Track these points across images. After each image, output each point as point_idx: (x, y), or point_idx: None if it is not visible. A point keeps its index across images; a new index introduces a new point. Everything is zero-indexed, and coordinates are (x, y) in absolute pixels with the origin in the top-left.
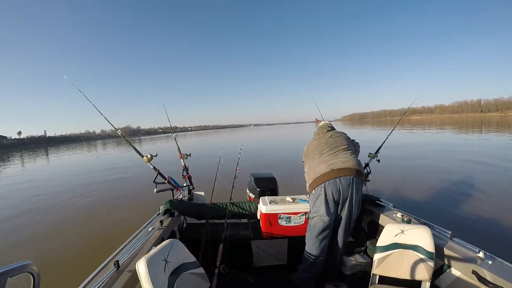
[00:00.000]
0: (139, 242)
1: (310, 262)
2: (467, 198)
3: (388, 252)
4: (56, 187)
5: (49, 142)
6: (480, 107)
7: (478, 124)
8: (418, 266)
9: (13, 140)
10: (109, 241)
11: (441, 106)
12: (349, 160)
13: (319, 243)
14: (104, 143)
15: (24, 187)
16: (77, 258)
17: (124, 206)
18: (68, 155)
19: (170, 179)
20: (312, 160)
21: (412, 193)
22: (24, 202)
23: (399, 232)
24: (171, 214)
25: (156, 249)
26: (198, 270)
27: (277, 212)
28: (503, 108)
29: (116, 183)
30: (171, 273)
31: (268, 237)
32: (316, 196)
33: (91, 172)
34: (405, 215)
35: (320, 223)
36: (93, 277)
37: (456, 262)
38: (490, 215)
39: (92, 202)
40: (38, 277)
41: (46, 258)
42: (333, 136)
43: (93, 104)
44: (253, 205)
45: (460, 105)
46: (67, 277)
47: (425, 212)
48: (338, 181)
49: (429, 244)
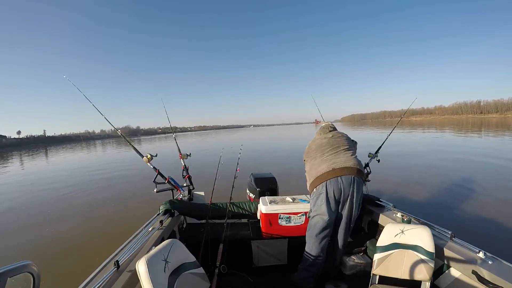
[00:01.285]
0: (139, 242)
1: (311, 261)
2: (467, 198)
3: (388, 252)
4: (55, 187)
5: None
6: (480, 108)
7: (477, 125)
8: (418, 266)
9: (12, 140)
10: (109, 241)
11: (441, 108)
12: (350, 160)
13: (320, 242)
14: (104, 143)
15: (23, 186)
16: (77, 258)
17: (124, 206)
18: (67, 155)
19: (170, 179)
20: (313, 159)
21: (412, 193)
22: (24, 202)
23: (399, 232)
24: (171, 214)
25: (156, 249)
26: (198, 270)
27: (277, 212)
28: (502, 109)
29: (116, 183)
30: (171, 273)
31: (268, 237)
32: (317, 195)
33: (91, 172)
34: (405, 215)
35: (320, 222)
36: (93, 277)
37: (456, 262)
38: (490, 215)
39: (92, 202)
40: (38, 277)
41: (46, 258)
42: (335, 136)
43: (93, 104)
44: (253, 205)
45: (460, 106)
46: (67, 277)
47: (425, 212)
48: (339, 180)
49: (429, 244)
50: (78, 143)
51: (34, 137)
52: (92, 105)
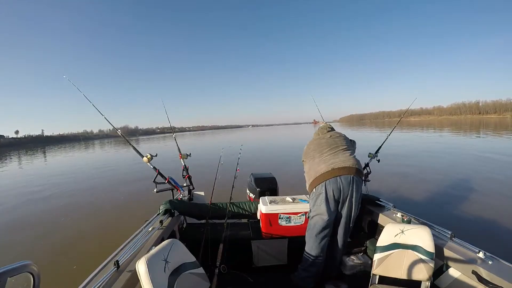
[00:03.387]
0: (139, 242)
1: (311, 261)
2: (467, 198)
3: (388, 252)
4: (55, 187)
5: (46, 141)
6: (478, 109)
7: (476, 126)
8: (418, 266)
9: (10, 139)
10: (109, 241)
11: (440, 108)
12: (349, 160)
13: (319, 242)
14: (102, 143)
15: (22, 186)
16: (77, 258)
17: (124, 206)
18: (66, 155)
19: (170, 179)
20: (312, 159)
21: (412, 193)
22: (23, 202)
23: (399, 232)
24: (171, 214)
25: (156, 249)
26: (198, 270)
27: (277, 212)
28: (501, 110)
29: (116, 183)
30: (171, 273)
31: (268, 237)
32: (317, 195)
33: (90, 172)
34: (405, 215)
35: (320, 221)
36: (93, 277)
37: (456, 262)
38: (490, 215)
39: (92, 202)
40: (38, 277)
41: (46, 258)
42: (333, 136)
43: (93, 104)
44: (253, 205)
45: (458, 106)
46: (67, 277)
47: (425, 212)
48: (338, 180)
49: (429, 244)
50: (77, 142)
51: (32, 137)
52: (92, 105)
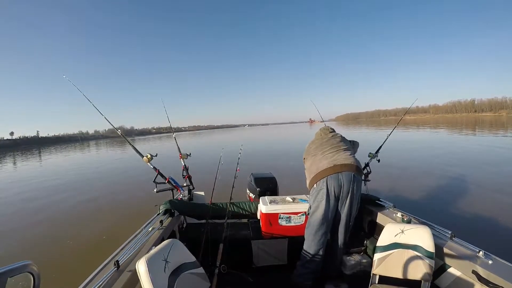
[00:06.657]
0: (139, 242)
1: (309, 258)
2: (467, 198)
3: (388, 252)
4: (54, 187)
5: (42, 142)
6: (474, 107)
7: (472, 124)
8: (418, 266)
9: (5, 141)
10: (109, 241)
11: (435, 106)
12: (349, 158)
13: (319, 239)
14: (98, 143)
15: (22, 186)
16: (77, 258)
17: (124, 206)
18: (65, 155)
19: (170, 179)
20: (314, 156)
21: (412, 193)
22: (23, 202)
23: (399, 232)
24: (171, 214)
25: (156, 249)
26: (198, 270)
27: (277, 212)
28: (496, 108)
29: (116, 183)
30: (171, 273)
31: (268, 237)
32: (318, 191)
33: (90, 172)
34: (405, 215)
35: (320, 218)
36: (93, 277)
37: (456, 262)
38: (490, 214)
39: (92, 202)
40: (38, 277)
41: (46, 258)
42: (334, 137)
43: (93, 105)
44: (253, 205)
45: (454, 105)
46: (67, 277)
47: (425, 212)
48: (339, 176)
49: (429, 244)
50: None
51: (27, 138)
52: (92, 105)
